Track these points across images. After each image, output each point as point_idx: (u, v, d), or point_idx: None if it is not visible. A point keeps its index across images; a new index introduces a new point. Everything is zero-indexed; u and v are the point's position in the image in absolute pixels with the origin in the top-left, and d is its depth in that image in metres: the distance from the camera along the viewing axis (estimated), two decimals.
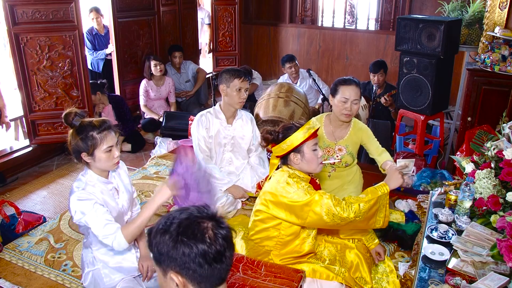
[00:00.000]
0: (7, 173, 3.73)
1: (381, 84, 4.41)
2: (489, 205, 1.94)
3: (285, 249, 2.11)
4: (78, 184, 1.93)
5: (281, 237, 2.09)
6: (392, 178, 2.05)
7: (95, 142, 1.86)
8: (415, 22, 3.50)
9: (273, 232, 2.09)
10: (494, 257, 1.70)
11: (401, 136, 3.96)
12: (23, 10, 3.56)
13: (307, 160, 2.03)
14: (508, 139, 2.24)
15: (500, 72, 3.31)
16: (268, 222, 2.09)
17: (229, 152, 3.21)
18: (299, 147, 2.01)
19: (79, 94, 3.93)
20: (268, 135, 2.08)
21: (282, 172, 2.07)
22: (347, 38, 6.29)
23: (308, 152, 2.02)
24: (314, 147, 2.04)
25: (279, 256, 2.12)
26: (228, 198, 3.08)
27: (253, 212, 2.19)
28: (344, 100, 2.59)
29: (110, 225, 1.83)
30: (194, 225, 1.09)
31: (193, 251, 1.05)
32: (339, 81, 2.68)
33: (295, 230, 2.07)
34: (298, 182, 1.99)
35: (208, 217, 1.12)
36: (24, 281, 2.47)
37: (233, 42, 6.33)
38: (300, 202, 1.93)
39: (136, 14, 4.88)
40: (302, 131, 2.00)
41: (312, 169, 2.07)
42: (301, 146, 2.01)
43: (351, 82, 2.64)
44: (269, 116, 4.05)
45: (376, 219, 2.00)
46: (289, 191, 1.95)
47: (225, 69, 3.07)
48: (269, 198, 2.03)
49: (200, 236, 1.07)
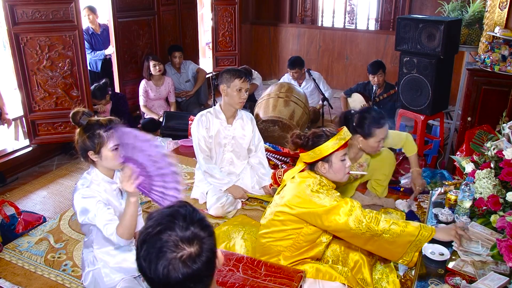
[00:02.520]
0: (7, 173, 3.73)
1: (381, 84, 4.41)
2: (489, 205, 1.94)
3: (297, 252, 2.10)
4: (83, 182, 1.95)
5: (299, 241, 2.06)
6: (445, 231, 1.88)
7: (102, 140, 1.88)
8: (415, 22, 3.50)
9: (291, 235, 2.06)
10: (494, 257, 1.70)
11: None
12: (23, 10, 3.56)
13: (335, 170, 2.01)
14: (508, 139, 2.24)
15: (500, 72, 3.31)
16: (289, 225, 2.05)
17: (229, 152, 3.22)
18: (327, 157, 1.99)
19: (79, 94, 3.93)
20: (298, 139, 2.04)
21: (309, 178, 2.03)
22: (347, 38, 6.29)
23: (336, 162, 2.00)
24: (343, 157, 2.01)
25: (289, 258, 2.09)
26: (228, 198, 3.08)
27: (271, 211, 2.13)
28: (380, 140, 2.62)
29: (111, 224, 1.84)
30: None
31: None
32: (371, 124, 2.59)
33: (313, 237, 2.05)
34: (329, 189, 1.98)
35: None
36: (24, 281, 2.47)
37: (233, 42, 6.33)
38: (327, 207, 1.89)
39: (136, 14, 4.88)
40: (332, 142, 1.96)
41: (338, 178, 2.05)
42: (330, 155, 1.99)
43: (385, 123, 2.61)
44: (269, 116, 4.05)
45: (406, 250, 1.85)
46: (320, 197, 1.93)
47: (226, 69, 3.07)
48: (296, 201, 1.98)
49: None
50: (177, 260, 1.02)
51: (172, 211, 1.10)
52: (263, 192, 3.25)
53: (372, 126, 2.59)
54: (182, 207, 1.12)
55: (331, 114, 4.82)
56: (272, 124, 4.05)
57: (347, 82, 6.28)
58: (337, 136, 1.98)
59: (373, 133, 2.59)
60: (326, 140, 1.97)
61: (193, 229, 1.06)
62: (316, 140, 1.99)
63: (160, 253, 1.03)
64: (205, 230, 1.09)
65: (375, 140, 2.61)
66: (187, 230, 1.05)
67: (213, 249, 1.09)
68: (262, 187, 3.26)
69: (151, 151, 1.60)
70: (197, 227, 1.07)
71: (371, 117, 2.60)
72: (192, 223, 1.07)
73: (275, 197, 2.19)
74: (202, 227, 1.08)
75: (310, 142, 2.01)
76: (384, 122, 2.60)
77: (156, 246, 1.04)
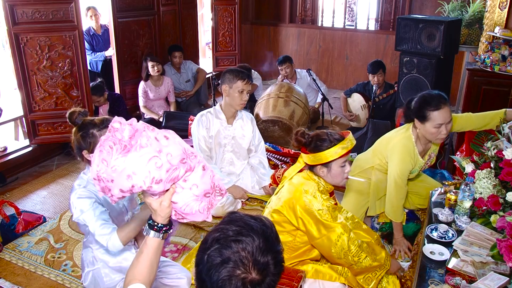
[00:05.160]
0: (7, 173, 3.73)
1: (380, 84, 4.41)
2: (489, 205, 1.94)
3: (295, 253, 2.10)
4: (80, 182, 1.94)
5: (296, 243, 2.07)
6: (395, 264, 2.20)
7: (95, 140, 1.87)
8: (415, 22, 3.50)
9: (287, 237, 2.07)
10: (494, 257, 1.70)
11: None
12: (23, 10, 3.56)
13: (333, 175, 2.03)
14: (508, 139, 2.24)
15: (500, 72, 3.31)
16: (286, 227, 2.06)
17: (229, 152, 3.21)
18: (328, 163, 1.99)
19: (79, 94, 3.93)
20: (301, 138, 2.03)
21: (308, 180, 2.04)
22: (347, 38, 6.29)
23: (335, 168, 2.01)
24: (343, 164, 2.02)
25: (288, 260, 2.10)
26: (228, 198, 3.08)
27: (268, 212, 2.14)
28: (439, 125, 2.35)
29: (106, 225, 1.83)
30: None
31: None
32: (426, 105, 2.35)
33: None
34: (325, 200, 1.98)
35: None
36: (24, 281, 2.47)
37: (233, 42, 6.33)
38: (322, 221, 1.94)
39: (136, 14, 4.87)
40: (335, 149, 1.95)
41: (336, 182, 2.07)
42: (330, 162, 1.99)
43: (442, 104, 2.33)
44: (269, 116, 4.05)
45: (368, 275, 2.04)
46: (316, 205, 1.95)
47: (229, 69, 3.06)
48: (289, 204, 2.00)
49: None
50: (239, 279, 0.99)
51: (258, 227, 1.05)
52: (263, 192, 3.26)
53: (427, 109, 2.35)
54: (269, 228, 1.07)
55: (331, 114, 4.82)
56: (272, 124, 4.05)
57: (347, 82, 6.29)
58: (341, 144, 1.96)
59: (428, 117, 2.36)
60: (329, 146, 1.96)
61: (269, 258, 1.02)
62: (319, 144, 1.98)
63: (226, 263, 1.00)
64: (277, 266, 1.04)
65: (432, 125, 2.36)
66: (263, 256, 1.01)
67: (273, 287, 1.05)
68: (262, 187, 3.26)
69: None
70: (272, 259, 1.03)
71: (428, 99, 2.38)
72: (271, 252, 1.03)
73: (272, 197, 2.19)
74: (276, 261, 1.04)
75: (313, 145, 2.00)
76: (442, 105, 2.33)
77: (226, 252, 1.00)
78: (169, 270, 2.14)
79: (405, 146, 2.51)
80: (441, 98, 2.37)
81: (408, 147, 2.51)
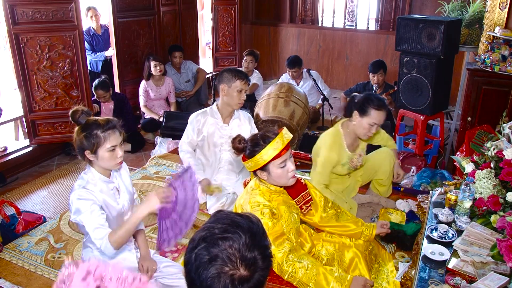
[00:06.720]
0: (7, 173, 3.73)
1: (380, 84, 4.41)
2: (489, 205, 1.94)
3: None
4: (80, 182, 1.94)
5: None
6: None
7: (99, 141, 1.87)
8: (415, 22, 3.50)
9: None
10: (494, 257, 1.70)
11: (401, 136, 3.96)
12: (23, 10, 3.56)
13: (275, 177, 1.93)
14: (508, 139, 2.24)
15: (500, 72, 3.31)
16: None
17: (227, 151, 3.21)
18: (264, 166, 1.91)
19: (79, 94, 3.93)
20: (238, 144, 1.93)
21: (256, 190, 1.98)
22: (347, 38, 6.29)
23: (274, 170, 1.91)
24: (282, 165, 1.90)
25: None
26: (228, 198, 3.08)
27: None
28: (373, 124, 2.63)
29: (101, 229, 1.83)
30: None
31: None
32: (370, 102, 2.62)
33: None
34: (263, 214, 1.89)
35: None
36: (24, 281, 2.47)
37: (233, 42, 6.33)
38: (269, 228, 1.86)
39: (136, 14, 4.88)
40: (267, 151, 1.85)
41: (283, 183, 1.97)
42: (266, 165, 1.90)
43: (383, 108, 2.63)
44: (269, 116, 4.05)
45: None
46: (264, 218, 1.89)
47: (227, 69, 3.06)
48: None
49: None
50: (227, 276, 0.99)
51: (244, 223, 1.06)
52: None
53: (370, 105, 2.61)
54: (255, 224, 1.08)
55: (331, 114, 4.82)
56: (272, 124, 4.05)
57: (347, 82, 6.29)
58: (271, 145, 1.85)
59: (368, 112, 2.61)
60: (261, 149, 1.86)
61: (256, 254, 1.03)
62: (252, 148, 1.90)
63: (214, 261, 1.00)
64: (265, 260, 1.04)
65: (368, 122, 2.63)
66: (250, 252, 1.02)
67: (262, 282, 1.05)
68: None
69: (190, 200, 1.82)
70: (260, 254, 1.03)
71: (373, 98, 2.65)
72: (258, 247, 1.04)
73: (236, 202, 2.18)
74: (264, 256, 1.05)
75: (247, 151, 1.92)
76: (383, 108, 2.62)
77: (213, 250, 1.01)
78: (169, 270, 2.14)
79: (332, 134, 2.82)
80: (383, 102, 2.66)
81: (336, 135, 2.81)
